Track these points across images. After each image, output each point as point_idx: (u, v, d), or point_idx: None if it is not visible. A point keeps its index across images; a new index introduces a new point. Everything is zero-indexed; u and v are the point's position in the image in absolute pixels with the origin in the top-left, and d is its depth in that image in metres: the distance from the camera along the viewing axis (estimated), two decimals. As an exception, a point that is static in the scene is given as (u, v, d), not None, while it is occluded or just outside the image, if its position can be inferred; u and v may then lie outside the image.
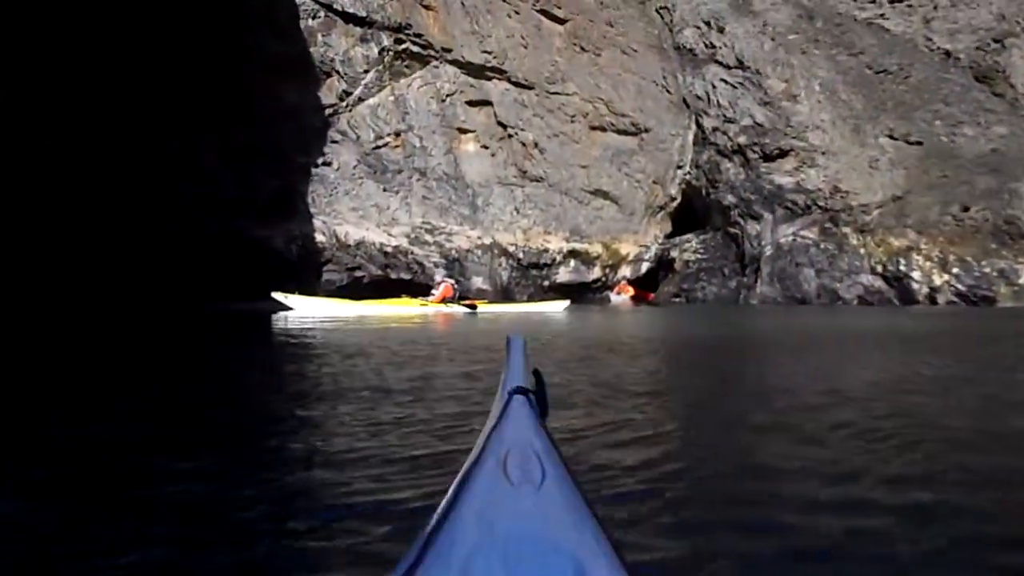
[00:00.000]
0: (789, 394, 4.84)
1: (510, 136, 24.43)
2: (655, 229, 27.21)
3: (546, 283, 24.86)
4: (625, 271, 26.49)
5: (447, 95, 23.72)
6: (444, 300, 18.40)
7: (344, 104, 22.83)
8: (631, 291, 26.40)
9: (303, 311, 15.71)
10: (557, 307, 19.56)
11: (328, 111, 22.62)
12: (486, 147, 24.29)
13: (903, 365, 6.76)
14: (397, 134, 23.39)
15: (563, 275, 25.16)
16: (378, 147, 23.21)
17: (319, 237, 22.26)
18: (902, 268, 27.38)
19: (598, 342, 9.70)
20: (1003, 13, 33.56)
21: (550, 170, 24.72)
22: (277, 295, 15.93)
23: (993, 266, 27.03)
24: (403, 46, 22.85)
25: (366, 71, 22.83)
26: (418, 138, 23.50)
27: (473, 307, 18.42)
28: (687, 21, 27.91)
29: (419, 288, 20.61)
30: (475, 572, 0.81)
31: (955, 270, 27.23)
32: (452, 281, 19.28)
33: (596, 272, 25.75)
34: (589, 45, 25.12)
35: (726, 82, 27.50)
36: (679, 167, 27.01)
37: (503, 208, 24.40)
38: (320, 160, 22.56)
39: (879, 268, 27.64)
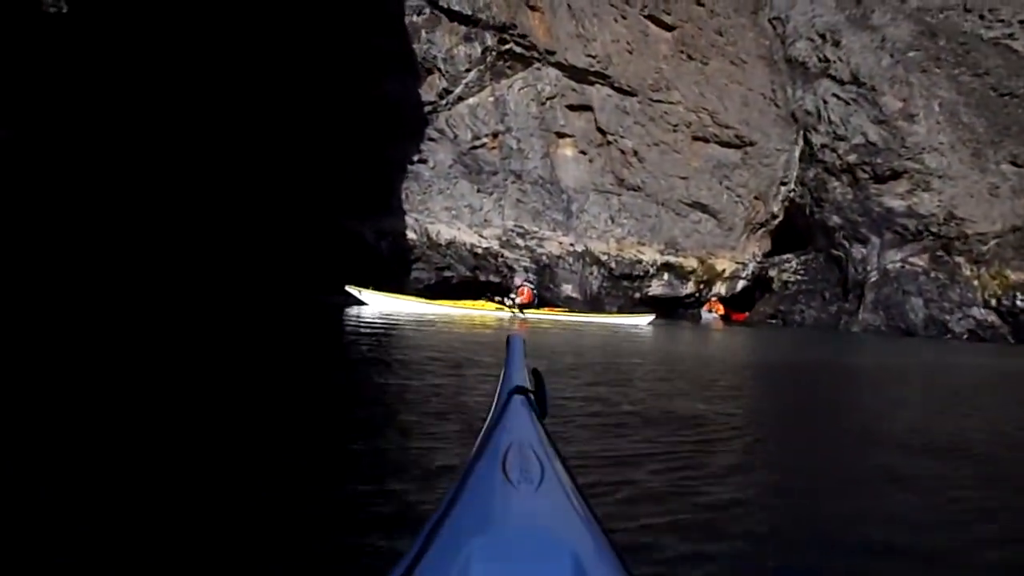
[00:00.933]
0: (871, 436, 4.57)
1: (609, 143, 24.43)
2: (754, 246, 26.71)
3: (637, 295, 24.68)
4: (720, 288, 26.07)
5: (547, 98, 23.90)
6: (522, 306, 18.21)
7: (443, 102, 23.20)
8: (721, 309, 25.86)
9: (376, 307, 15.74)
10: (641, 321, 18.92)
11: (427, 108, 22.99)
12: (584, 153, 24.36)
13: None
14: (495, 135, 23.65)
15: (655, 288, 24.93)
16: (475, 147, 23.52)
17: (410, 235, 22.63)
18: (1019, 303, 26.12)
19: (674, 360, 9.36)
20: None
21: (648, 179, 24.58)
22: (351, 289, 16.05)
23: (1120, 304, 25.56)
24: (506, 46, 23.12)
25: (468, 70, 23.16)
26: (515, 140, 23.72)
27: (521, 308, 17.99)
28: (800, 33, 27.39)
29: (506, 292, 20.55)
30: (474, 570, 0.82)
31: (1078, 308, 25.83)
32: (532, 285, 19.10)
33: (690, 287, 25.42)
34: (696, 53, 24.94)
35: (838, 98, 26.85)
36: (783, 183, 26.50)
37: (598, 216, 24.38)
38: (416, 157, 22.96)
39: (993, 302, 26.48)
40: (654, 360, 8.96)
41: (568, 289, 23.75)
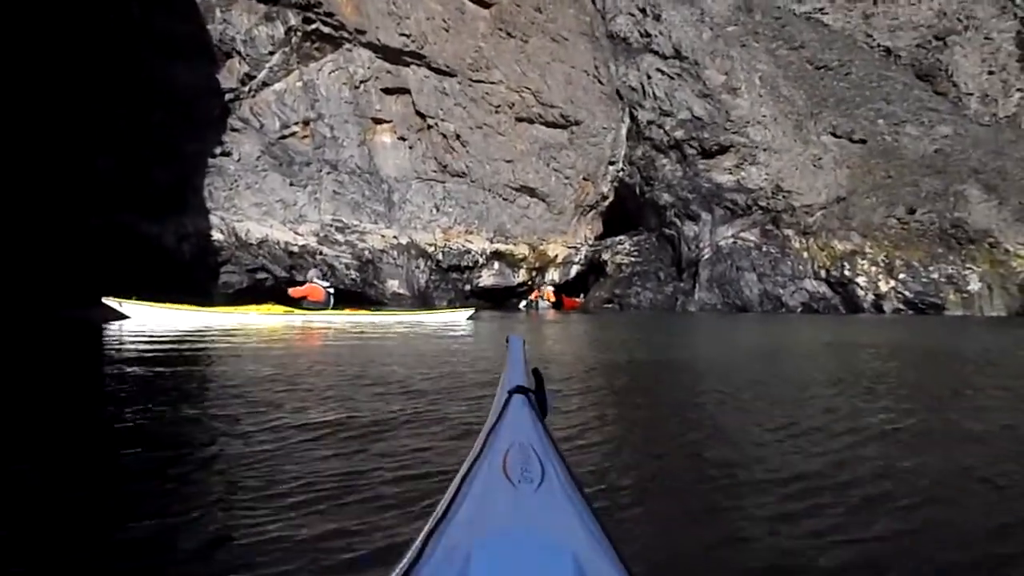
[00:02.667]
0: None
1: (429, 127, 24.67)
2: (585, 230, 27.64)
3: (468, 287, 25.13)
4: (553, 274, 26.85)
5: (361, 81, 23.87)
6: (300, 302, 16.17)
7: (247, 89, 22.83)
8: (552, 296, 26.47)
9: (140, 320, 13.87)
10: (458, 317, 17.70)
11: (228, 96, 22.70)
12: (403, 139, 24.53)
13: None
14: (306, 123, 23.50)
15: (486, 278, 25.42)
16: (284, 137, 23.30)
17: (216, 235, 22.09)
18: (846, 273, 28.25)
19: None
20: (944, 10, 35.54)
21: (473, 164, 24.98)
22: (109, 300, 14.28)
23: (941, 272, 28.18)
24: (312, 26, 22.97)
25: (271, 53, 22.85)
26: (329, 128, 23.63)
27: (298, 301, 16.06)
28: (620, 8, 28.65)
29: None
30: (474, 570, 0.86)
31: (901, 276, 28.28)
32: (327, 284, 16.90)
33: (522, 275, 26.09)
34: (516, 31, 25.52)
35: (662, 72, 28.26)
36: (611, 163, 27.54)
37: (421, 205, 24.60)
38: (219, 150, 22.50)
39: (823, 273, 28.45)
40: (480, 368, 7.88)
41: (394, 285, 23.82)
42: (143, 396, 5.42)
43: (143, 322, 13.70)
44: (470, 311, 18.07)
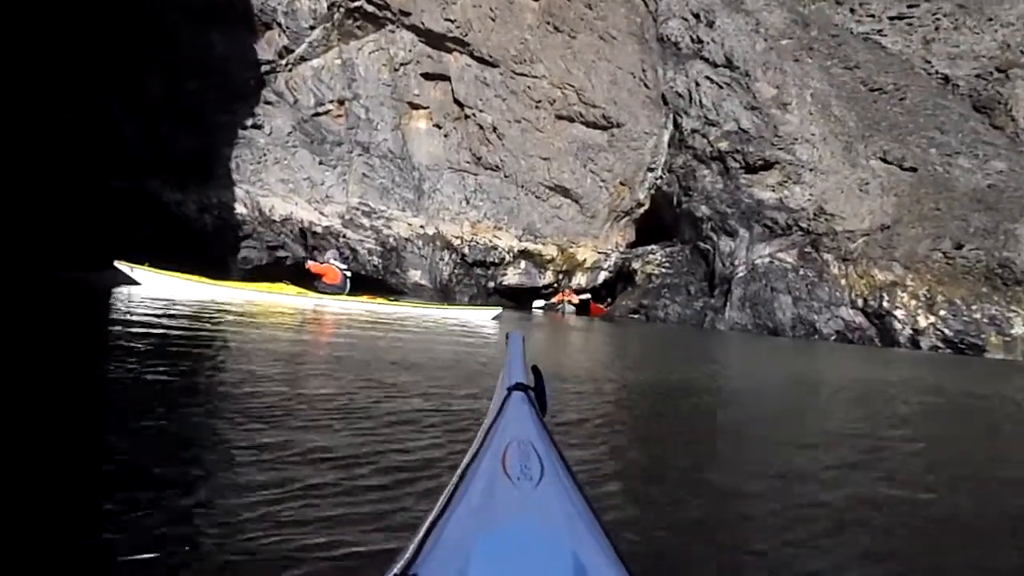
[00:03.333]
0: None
1: (467, 117, 24.49)
2: (617, 236, 27.31)
3: (491, 284, 24.89)
4: (580, 279, 26.57)
5: (401, 64, 23.67)
6: (316, 280, 15.76)
7: (283, 62, 22.72)
8: (575, 299, 26.09)
9: (150, 288, 13.71)
10: (484, 316, 16.89)
11: (264, 68, 22.48)
12: (439, 126, 24.34)
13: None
14: (341, 102, 23.34)
15: (511, 277, 25.17)
16: (318, 114, 23.20)
17: (239, 208, 22.00)
18: (885, 305, 27.54)
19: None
20: (1008, 42, 34.84)
21: (507, 159, 24.70)
22: (121, 265, 14.00)
23: (984, 312, 27.40)
24: (356, 4, 22.99)
25: (312, 27, 22.72)
26: (364, 109, 23.46)
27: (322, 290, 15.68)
28: (673, 11, 28.19)
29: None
30: (474, 567, 0.87)
31: (942, 312, 27.53)
32: (345, 267, 16.37)
33: (548, 277, 25.82)
34: (564, 25, 25.20)
35: (711, 81, 27.76)
36: (650, 169, 27.14)
37: (451, 196, 24.39)
38: (250, 122, 22.40)
39: (860, 302, 27.76)
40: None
41: (416, 275, 23.60)
42: (136, 364, 5.27)
43: (153, 290, 13.59)
44: (497, 310, 17.53)
